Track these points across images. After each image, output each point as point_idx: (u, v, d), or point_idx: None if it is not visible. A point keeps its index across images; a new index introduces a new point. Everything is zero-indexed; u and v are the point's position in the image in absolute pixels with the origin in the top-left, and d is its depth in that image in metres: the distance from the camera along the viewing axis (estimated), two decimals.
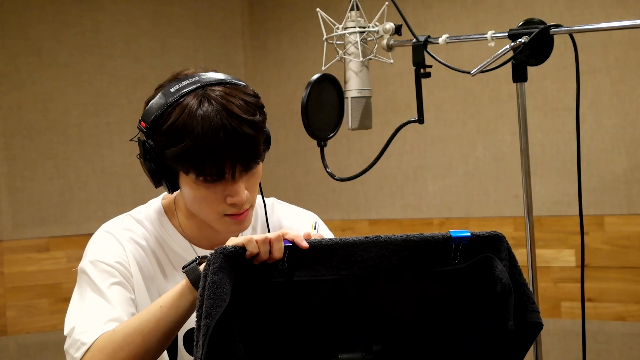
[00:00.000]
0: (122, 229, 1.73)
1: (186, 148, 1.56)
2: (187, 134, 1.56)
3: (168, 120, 1.59)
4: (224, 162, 1.57)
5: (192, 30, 4.55)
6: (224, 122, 1.56)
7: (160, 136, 1.61)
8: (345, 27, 1.91)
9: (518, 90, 1.84)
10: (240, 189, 1.61)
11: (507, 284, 1.47)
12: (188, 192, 1.63)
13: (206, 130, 1.55)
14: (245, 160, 1.60)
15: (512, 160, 3.80)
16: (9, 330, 4.09)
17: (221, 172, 1.58)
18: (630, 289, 3.51)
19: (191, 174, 1.59)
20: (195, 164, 1.57)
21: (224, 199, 1.61)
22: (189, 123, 1.56)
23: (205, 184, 1.60)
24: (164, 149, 1.61)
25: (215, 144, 1.55)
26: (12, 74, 4.18)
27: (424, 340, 1.54)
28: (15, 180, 4.16)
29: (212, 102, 1.58)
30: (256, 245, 1.43)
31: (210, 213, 1.63)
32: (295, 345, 1.50)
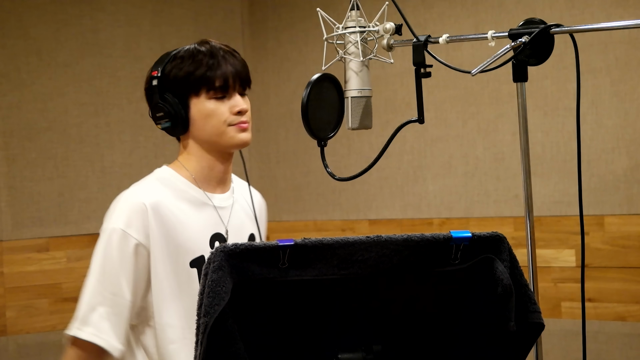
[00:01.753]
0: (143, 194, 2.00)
1: (197, 65, 1.97)
2: (196, 55, 1.99)
3: (178, 54, 2.02)
4: (228, 75, 1.98)
5: (192, 30, 4.55)
6: (222, 47, 2.02)
7: (172, 67, 2.00)
8: (345, 26, 1.91)
9: (518, 90, 1.84)
10: (241, 101, 2.01)
11: (508, 285, 1.47)
12: (200, 112, 1.99)
13: (211, 50, 1.99)
14: (242, 78, 2.01)
15: (512, 160, 3.80)
16: (9, 331, 4.09)
17: (226, 84, 1.98)
18: (630, 289, 3.51)
19: (202, 91, 1.98)
20: (206, 78, 1.97)
21: (229, 110, 1.99)
22: (195, 49, 2.01)
23: (213, 99, 1.98)
24: (176, 78, 1.99)
25: (220, 60, 1.98)
26: (12, 74, 4.18)
27: (424, 341, 1.54)
28: (15, 180, 4.16)
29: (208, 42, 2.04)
30: None
31: (219, 125, 1.99)
32: (295, 344, 1.49)
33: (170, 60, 2.02)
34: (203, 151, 2.03)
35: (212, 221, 2.03)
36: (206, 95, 1.99)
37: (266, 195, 4.76)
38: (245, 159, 2.13)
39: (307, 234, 4.32)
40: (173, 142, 2.12)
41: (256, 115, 4.70)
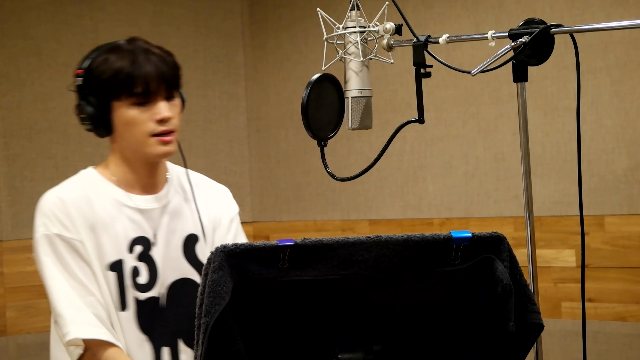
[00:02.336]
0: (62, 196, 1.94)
1: (117, 69, 1.86)
2: (117, 57, 1.87)
3: (101, 53, 1.91)
4: (149, 81, 1.86)
5: (192, 30, 4.55)
6: (146, 47, 1.91)
7: (95, 69, 1.89)
8: (345, 26, 1.91)
9: (518, 90, 1.84)
10: (164, 107, 1.89)
11: (508, 285, 1.47)
12: (121, 119, 1.89)
13: (132, 53, 1.88)
14: (167, 82, 1.89)
15: (513, 160, 3.79)
16: (9, 331, 4.08)
17: (147, 90, 1.86)
18: (630, 289, 3.51)
19: (123, 97, 1.87)
20: (125, 84, 1.86)
21: (151, 118, 1.88)
22: (119, 49, 1.90)
23: (135, 106, 1.87)
24: (98, 80, 1.88)
25: (142, 64, 1.86)
26: (12, 74, 4.18)
27: (424, 341, 1.54)
28: (15, 180, 4.16)
29: (136, 40, 1.93)
30: None
31: (141, 134, 1.89)
32: (295, 344, 1.50)
33: (95, 58, 1.92)
34: (126, 156, 1.97)
35: (134, 225, 1.95)
36: (127, 101, 1.89)
37: (266, 195, 4.73)
38: (245, 159, 2.12)
39: (307, 234, 4.32)
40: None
41: (256, 115, 4.70)
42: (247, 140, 4.59)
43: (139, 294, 1.93)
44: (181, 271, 1.97)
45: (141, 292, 1.93)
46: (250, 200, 4.55)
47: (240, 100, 4.64)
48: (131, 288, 1.92)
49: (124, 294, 1.91)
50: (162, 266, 1.95)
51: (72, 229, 1.89)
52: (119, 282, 1.91)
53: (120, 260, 1.92)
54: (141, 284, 1.93)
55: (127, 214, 1.95)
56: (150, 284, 1.94)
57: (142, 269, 1.94)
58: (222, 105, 4.57)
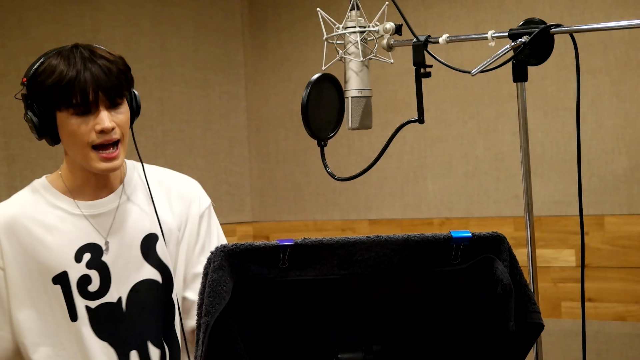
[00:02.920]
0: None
1: (55, 80, 1.80)
2: (56, 67, 1.82)
3: (44, 61, 1.85)
4: (87, 91, 1.80)
5: (192, 30, 4.55)
6: (85, 55, 1.85)
7: (35, 79, 1.84)
8: (345, 26, 1.91)
9: (518, 90, 1.84)
10: (105, 117, 1.83)
11: (508, 285, 1.47)
12: (64, 130, 1.84)
13: (71, 62, 1.82)
14: (107, 90, 1.83)
15: (512, 160, 3.80)
16: None
17: (86, 100, 1.80)
18: (630, 289, 3.51)
19: (63, 108, 1.82)
20: (63, 94, 1.80)
21: (92, 129, 1.83)
22: (59, 57, 1.84)
23: (75, 116, 1.82)
24: (40, 90, 1.83)
25: (79, 73, 1.80)
26: (12, 74, 4.18)
27: (424, 340, 1.54)
28: (15, 180, 4.16)
29: (79, 47, 1.88)
30: None
31: (83, 146, 1.84)
32: (295, 344, 1.50)
33: (37, 67, 1.86)
34: (75, 164, 1.92)
35: (82, 232, 1.90)
36: (67, 111, 1.83)
37: (266, 195, 4.72)
38: (245, 159, 2.10)
39: (307, 234, 4.32)
40: (173, 142, 2.11)
41: (256, 115, 4.70)
42: (247, 140, 4.59)
43: (90, 302, 1.88)
44: (142, 273, 1.92)
45: (92, 300, 1.88)
46: (250, 200, 4.55)
47: (240, 100, 4.64)
48: (80, 297, 1.87)
49: (73, 304, 1.87)
50: (117, 270, 1.90)
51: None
52: (65, 294, 1.87)
53: (65, 272, 1.87)
54: (92, 291, 1.88)
55: (73, 223, 1.90)
56: (103, 290, 1.89)
57: (93, 276, 1.89)
58: (222, 105, 4.57)
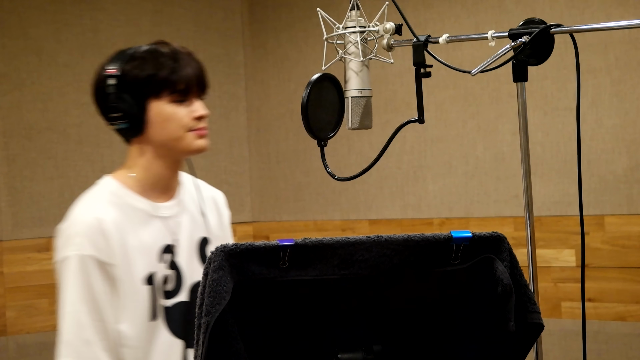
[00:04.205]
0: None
1: (160, 66, 1.90)
2: (158, 56, 1.92)
3: (137, 54, 1.93)
4: (190, 79, 1.92)
5: (192, 30, 4.55)
6: (182, 50, 1.96)
7: (132, 67, 1.91)
8: (345, 26, 1.90)
9: (518, 90, 1.84)
10: (201, 106, 1.95)
11: (508, 285, 1.47)
12: (159, 115, 1.92)
13: (173, 52, 1.93)
14: (203, 82, 1.96)
15: (512, 160, 3.79)
16: (9, 331, 4.08)
17: (187, 88, 1.92)
18: (630, 289, 3.51)
19: (163, 94, 1.91)
20: (168, 80, 1.90)
21: (189, 115, 1.93)
22: (156, 50, 1.94)
23: (173, 103, 1.91)
24: (136, 79, 1.90)
25: (183, 62, 1.92)
26: (12, 74, 4.18)
27: (425, 341, 1.54)
28: (15, 180, 4.16)
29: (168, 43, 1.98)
30: None
31: (179, 129, 1.92)
32: (295, 344, 1.50)
33: (129, 59, 1.93)
34: (155, 157, 1.96)
35: (160, 234, 1.95)
36: (167, 98, 1.92)
37: (266, 195, 4.73)
38: (245, 159, 2.12)
39: (307, 234, 4.32)
40: None
41: (256, 115, 4.70)
42: (247, 140, 4.59)
43: (166, 301, 1.93)
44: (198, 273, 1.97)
45: (168, 299, 1.94)
46: (250, 200, 4.55)
47: (240, 100, 4.64)
48: (160, 297, 1.92)
49: (155, 304, 1.92)
50: (185, 270, 1.97)
51: (108, 251, 1.87)
52: (151, 294, 1.91)
53: (153, 273, 1.92)
54: (168, 290, 1.94)
55: (153, 225, 1.96)
56: (177, 289, 1.96)
57: (170, 276, 1.95)
58: (222, 105, 4.57)
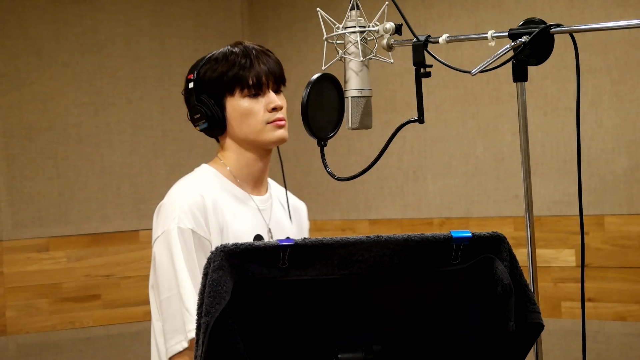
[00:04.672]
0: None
1: (231, 65, 2.01)
2: (229, 55, 2.03)
3: (212, 57, 2.05)
4: (260, 74, 2.03)
5: (192, 30, 4.55)
6: (255, 47, 2.08)
7: (206, 69, 2.03)
8: (345, 26, 1.90)
9: (518, 90, 1.84)
10: (275, 97, 2.08)
11: (508, 285, 1.47)
12: (236, 111, 2.03)
13: (243, 50, 2.04)
14: (276, 76, 2.08)
15: (512, 160, 3.79)
16: (9, 330, 4.08)
17: (259, 82, 2.03)
18: (630, 289, 3.51)
19: (236, 90, 2.02)
20: (238, 77, 2.01)
21: (265, 108, 2.05)
22: (228, 50, 2.05)
23: (248, 98, 2.02)
24: (210, 79, 2.02)
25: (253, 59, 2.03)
26: (12, 74, 4.18)
27: (424, 341, 1.54)
28: (15, 180, 4.16)
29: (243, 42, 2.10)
30: None
31: (257, 123, 2.04)
32: (295, 344, 1.49)
33: (205, 63, 2.05)
34: (241, 149, 2.06)
35: (256, 221, 2.04)
36: (240, 94, 2.03)
37: None
38: None
39: None
40: (173, 142, 2.14)
41: None
42: None
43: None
44: None
45: None
46: None
47: None
48: None
49: None
50: None
51: (206, 228, 1.94)
52: None
53: None
54: None
55: (249, 213, 2.04)
56: None
57: None
58: None
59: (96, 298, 4.24)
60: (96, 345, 4.26)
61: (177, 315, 1.89)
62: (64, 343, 4.17)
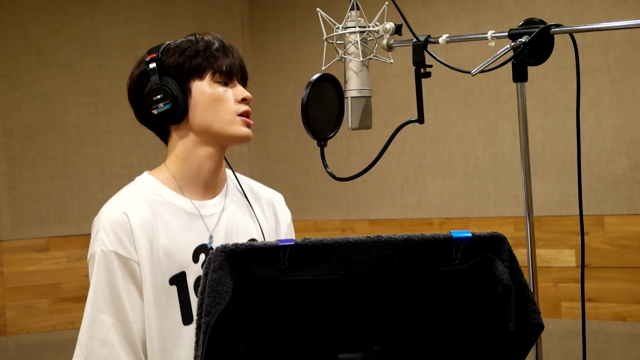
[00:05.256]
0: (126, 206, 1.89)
1: (203, 48, 1.90)
2: (200, 41, 1.92)
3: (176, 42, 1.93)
4: (233, 63, 1.92)
5: (192, 30, 4.52)
6: (220, 38, 1.95)
7: (173, 52, 1.91)
8: (345, 26, 1.90)
9: (518, 90, 1.84)
10: (245, 90, 1.93)
11: (508, 285, 1.47)
12: (204, 96, 1.89)
13: (213, 38, 1.93)
14: (244, 71, 1.95)
15: (512, 160, 3.79)
16: (9, 331, 4.08)
17: (231, 71, 1.91)
18: (630, 289, 3.51)
19: (207, 74, 1.90)
20: (212, 60, 1.89)
21: (234, 99, 1.90)
22: (198, 36, 1.94)
23: (219, 84, 1.90)
24: (178, 62, 1.90)
25: (226, 48, 1.92)
26: (12, 74, 4.18)
27: (424, 341, 1.54)
28: (15, 180, 4.16)
29: (206, 32, 1.98)
30: None
31: (226, 112, 1.89)
32: (295, 344, 1.49)
33: (168, 47, 1.92)
34: (196, 143, 1.90)
35: (199, 233, 1.89)
36: (211, 79, 1.89)
37: None
38: (245, 159, 2.11)
39: (307, 234, 4.32)
40: None
41: (256, 115, 4.69)
42: None
43: None
44: None
45: None
46: None
47: None
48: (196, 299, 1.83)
49: (188, 306, 1.84)
50: None
51: (130, 248, 1.82)
52: (180, 296, 1.84)
53: (183, 273, 1.85)
54: None
55: (190, 223, 1.89)
56: None
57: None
58: None
59: None
60: None
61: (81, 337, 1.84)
62: (64, 343, 4.17)
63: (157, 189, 1.90)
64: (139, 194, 1.90)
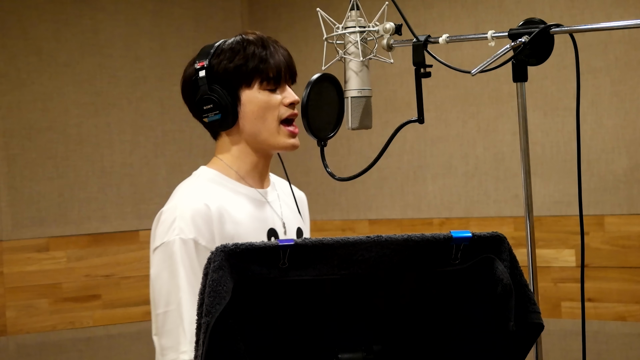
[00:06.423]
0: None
1: (250, 55, 1.91)
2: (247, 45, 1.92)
3: (224, 46, 1.94)
4: (280, 65, 1.93)
5: (191, 30, 4.55)
6: (270, 39, 1.97)
7: (221, 59, 1.92)
8: (345, 26, 1.90)
9: (518, 90, 1.84)
10: (292, 92, 1.95)
11: (508, 285, 1.47)
12: (253, 105, 1.92)
13: (261, 40, 1.94)
14: (292, 69, 1.97)
15: (512, 160, 3.79)
16: (9, 330, 4.09)
17: (279, 75, 1.92)
18: (630, 289, 3.51)
19: (255, 82, 1.91)
20: (259, 68, 1.91)
21: (281, 103, 1.93)
22: (244, 39, 1.94)
23: (265, 91, 1.92)
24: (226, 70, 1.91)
25: (272, 50, 1.94)
26: (12, 74, 4.18)
27: (425, 341, 1.54)
28: (15, 180, 4.16)
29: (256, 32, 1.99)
30: None
31: (272, 120, 1.92)
32: (295, 344, 1.49)
33: (217, 52, 1.93)
34: (245, 147, 1.96)
35: (268, 217, 1.95)
36: (259, 86, 1.91)
37: None
38: None
39: None
40: (173, 142, 2.12)
41: None
42: None
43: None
44: None
45: None
46: None
47: None
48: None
49: None
50: None
51: (209, 237, 1.83)
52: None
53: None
54: None
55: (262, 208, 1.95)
56: None
57: None
58: None
59: (96, 298, 4.24)
60: (96, 345, 4.26)
61: (173, 333, 1.80)
62: (64, 343, 4.18)
63: (222, 180, 1.94)
64: (209, 185, 1.92)
